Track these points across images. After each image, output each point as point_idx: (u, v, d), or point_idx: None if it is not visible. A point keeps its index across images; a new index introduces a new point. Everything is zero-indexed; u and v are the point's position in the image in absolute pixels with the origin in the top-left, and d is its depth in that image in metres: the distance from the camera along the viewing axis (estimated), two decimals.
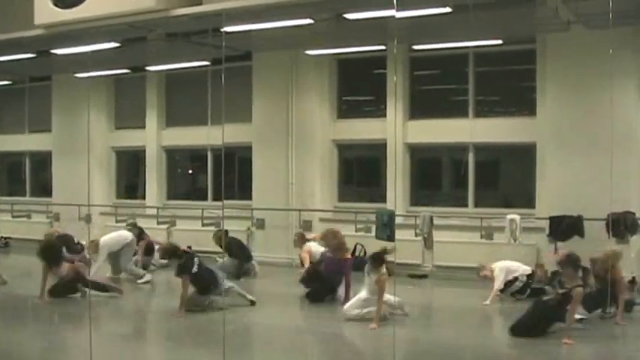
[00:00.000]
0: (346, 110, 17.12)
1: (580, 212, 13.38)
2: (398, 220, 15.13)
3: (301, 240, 14.09)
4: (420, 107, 16.27)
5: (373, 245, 14.36)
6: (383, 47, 15.69)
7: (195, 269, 11.43)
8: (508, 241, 14.12)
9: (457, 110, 15.81)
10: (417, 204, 16.24)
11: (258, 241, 16.89)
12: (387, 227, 14.72)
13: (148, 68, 18.76)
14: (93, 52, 15.06)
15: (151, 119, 19.52)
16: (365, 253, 15.47)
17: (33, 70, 19.45)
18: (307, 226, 16.14)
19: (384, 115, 16.20)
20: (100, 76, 19.60)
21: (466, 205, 15.81)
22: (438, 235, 15.11)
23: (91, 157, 19.89)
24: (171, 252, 12.06)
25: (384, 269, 10.82)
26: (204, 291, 11.50)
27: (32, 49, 15.98)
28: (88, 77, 19.34)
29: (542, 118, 14.69)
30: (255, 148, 17.34)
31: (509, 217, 14.22)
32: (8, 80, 21.20)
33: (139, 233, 15.73)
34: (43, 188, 21.68)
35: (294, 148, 16.83)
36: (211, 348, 9.36)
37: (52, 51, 15.86)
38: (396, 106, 15.86)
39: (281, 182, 16.90)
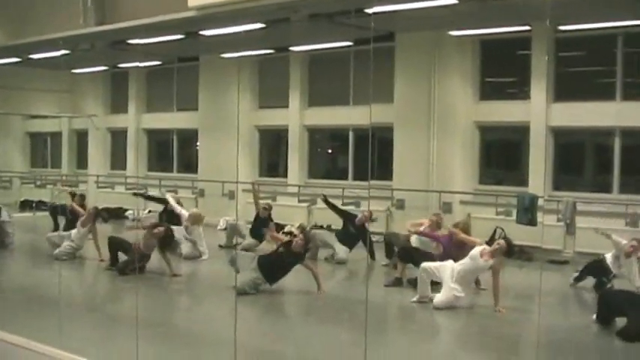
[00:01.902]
0: (489, 92, 16.85)
1: None
2: (539, 204, 14.96)
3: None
4: (565, 89, 15.83)
5: (513, 229, 14.40)
6: (527, 28, 15.39)
7: None
8: None
9: (603, 93, 15.33)
10: (560, 189, 15.91)
11: (397, 222, 16.91)
12: (528, 211, 14.68)
13: (291, 49, 19.06)
14: (239, 32, 15.48)
15: (294, 99, 19.82)
16: (505, 236, 15.30)
17: (181, 50, 20.12)
18: (447, 208, 16.08)
19: (528, 97, 15.90)
20: (246, 56, 20.05)
21: (610, 191, 15.35)
22: (580, 222, 14.74)
23: (236, 135, 20.41)
24: None
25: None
26: None
27: (182, 31, 16.53)
28: (235, 57, 19.86)
29: None
30: (396, 128, 17.32)
31: None
32: (158, 61, 21.96)
33: None
34: (189, 165, 22.47)
35: (436, 130, 16.73)
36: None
37: (201, 32, 16.34)
38: (546, 88, 15.58)
39: (421, 163, 16.84)
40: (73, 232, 14.39)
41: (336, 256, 14.28)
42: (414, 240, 13.13)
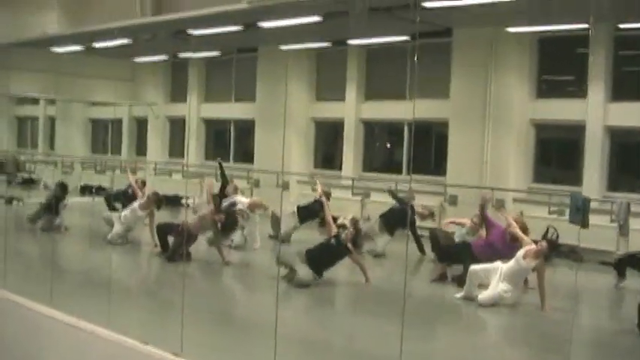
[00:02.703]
0: (545, 90, 16.72)
1: None
2: (593, 205, 14.80)
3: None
4: (623, 89, 15.65)
5: (565, 229, 14.27)
6: (586, 26, 15.23)
7: None
8: None
9: None
10: (615, 189, 15.72)
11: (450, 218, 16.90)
12: (580, 212, 14.50)
13: (349, 42, 19.13)
14: (297, 25, 15.62)
15: (351, 92, 19.91)
16: (557, 236, 15.19)
17: (240, 41, 20.34)
18: (500, 204, 16.02)
19: (584, 96, 15.72)
20: (303, 48, 20.18)
21: None
22: (635, 223, 14.56)
23: (292, 126, 20.63)
24: None
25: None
26: None
27: (240, 22, 16.73)
28: (293, 49, 20.03)
29: None
30: (451, 124, 17.32)
31: None
32: (217, 51, 22.22)
33: None
34: (246, 154, 22.68)
35: (491, 126, 16.67)
36: None
37: (259, 24, 16.52)
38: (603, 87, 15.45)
39: (475, 160, 16.82)
40: (125, 212, 14.63)
41: (375, 249, 14.37)
42: (457, 234, 13.15)
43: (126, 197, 15.95)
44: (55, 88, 23.98)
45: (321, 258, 11.34)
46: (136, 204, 14.68)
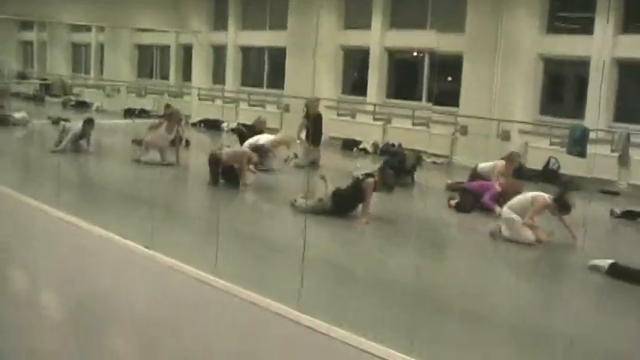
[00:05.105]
0: (556, 25, 17.03)
1: None
2: (599, 135, 15.27)
3: None
4: (634, 21, 15.86)
5: (566, 159, 14.96)
6: None
7: None
8: None
9: None
10: (621, 120, 16.02)
11: (460, 147, 17.71)
12: (577, 143, 15.06)
13: None
14: None
15: (376, 20, 20.42)
16: (559, 166, 15.77)
17: None
18: (505, 135, 16.60)
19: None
20: None
21: None
22: (637, 154, 15.05)
23: (321, 54, 21.27)
24: None
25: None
26: None
27: None
28: None
29: None
30: (465, 57, 17.81)
31: None
32: None
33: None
34: (277, 80, 23.34)
35: (501, 60, 17.12)
36: None
37: None
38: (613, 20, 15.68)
39: (486, 92, 17.33)
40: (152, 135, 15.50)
41: None
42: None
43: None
44: (104, 15, 24.93)
45: (346, 201, 11.33)
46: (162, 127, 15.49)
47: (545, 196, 10.40)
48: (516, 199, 10.61)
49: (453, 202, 12.40)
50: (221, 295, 6.97)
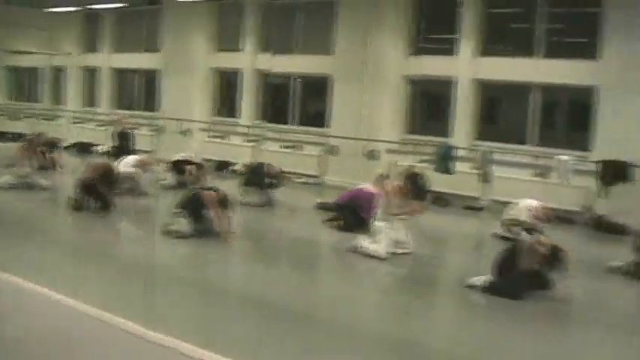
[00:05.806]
0: (420, 47, 17.62)
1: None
2: (461, 153, 15.81)
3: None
4: (493, 45, 16.63)
5: (434, 177, 15.39)
6: None
7: None
8: (560, 181, 14.43)
9: (526, 49, 16.06)
10: (482, 139, 16.68)
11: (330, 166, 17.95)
12: (444, 161, 15.58)
13: None
14: None
15: (248, 44, 20.68)
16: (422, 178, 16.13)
17: None
18: (372, 155, 16.91)
19: (456, 53, 16.81)
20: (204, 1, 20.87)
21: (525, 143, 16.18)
22: (498, 171, 15.47)
23: (195, 77, 21.33)
24: None
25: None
26: None
27: None
28: (194, 1, 20.68)
29: (605, 62, 14.79)
30: (335, 79, 18.32)
31: (559, 157, 14.49)
32: (125, 3, 22.78)
33: None
34: (151, 102, 23.35)
35: (369, 83, 17.54)
36: None
37: None
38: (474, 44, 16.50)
39: (355, 112, 17.71)
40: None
41: None
42: None
43: None
44: None
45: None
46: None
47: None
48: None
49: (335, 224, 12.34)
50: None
